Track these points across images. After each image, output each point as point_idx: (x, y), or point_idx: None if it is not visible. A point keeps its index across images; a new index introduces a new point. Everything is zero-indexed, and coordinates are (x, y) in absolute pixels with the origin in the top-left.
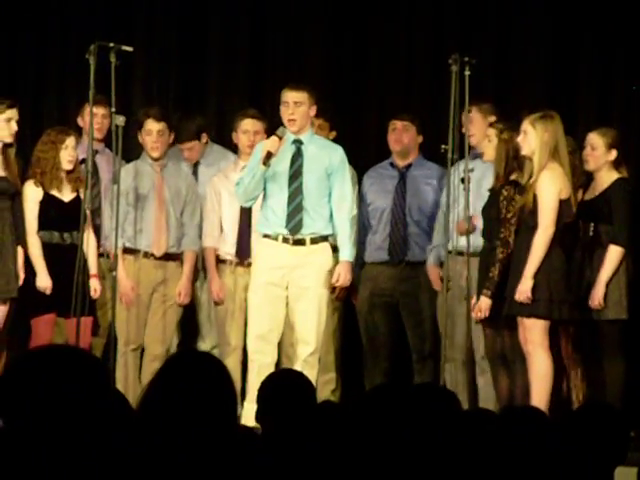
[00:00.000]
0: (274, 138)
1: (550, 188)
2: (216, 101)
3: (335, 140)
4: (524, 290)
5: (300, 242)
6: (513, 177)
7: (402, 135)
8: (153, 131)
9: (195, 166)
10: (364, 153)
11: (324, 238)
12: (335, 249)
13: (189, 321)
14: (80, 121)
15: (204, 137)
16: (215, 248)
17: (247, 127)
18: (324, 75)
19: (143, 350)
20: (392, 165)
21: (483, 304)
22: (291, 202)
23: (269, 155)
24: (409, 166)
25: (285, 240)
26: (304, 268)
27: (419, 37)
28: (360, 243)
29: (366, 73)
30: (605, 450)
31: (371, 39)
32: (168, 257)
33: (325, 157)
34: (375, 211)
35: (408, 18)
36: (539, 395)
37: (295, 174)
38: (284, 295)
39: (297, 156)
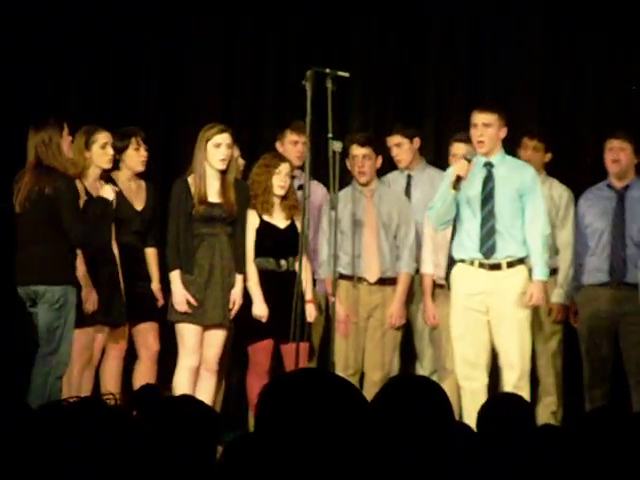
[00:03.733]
0: (463, 162)
1: None
2: (433, 125)
3: (551, 161)
4: None
5: (496, 267)
6: None
7: (619, 155)
8: (359, 156)
9: (409, 178)
10: (580, 175)
11: (520, 261)
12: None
13: (407, 345)
14: (280, 147)
15: (417, 141)
16: (431, 274)
17: (456, 151)
18: (538, 94)
19: (362, 376)
20: (609, 186)
21: None
22: (484, 225)
23: (459, 179)
24: (626, 187)
25: (481, 265)
26: (502, 292)
27: (636, 55)
28: (578, 265)
29: (582, 91)
30: None
31: (586, 62)
32: (383, 282)
33: (516, 178)
34: (593, 233)
35: (625, 37)
36: None
37: (487, 197)
38: (485, 319)
39: (488, 179)
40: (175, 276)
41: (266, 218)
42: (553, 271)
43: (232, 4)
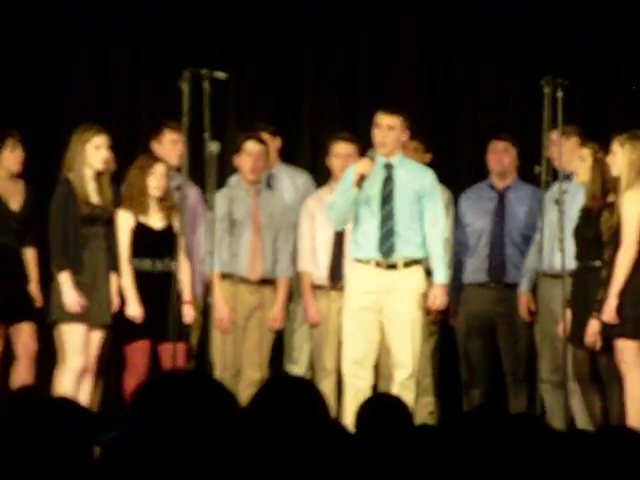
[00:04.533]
0: (366, 160)
1: (633, 207)
2: (310, 126)
3: (431, 162)
4: (609, 310)
5: (393, 266)
6: (611, 199)
7: (502, 156)
8: (254, 153)
9: (269, 178)
10: (459, 174)
11: (417, 262)
12: (428, 272)
13: (278, 345)
14: (157, 147)
15: (278, 140)
16: (310, 272)
17: (340, 150)
18: (417, 96)
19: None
20: (490, 186)
21: (594, 327)
22: (383, 226)
23: (362, 177)
24: (508, 187)
25: (378, 264)
26: (397, 292)
27: (512, 57)
28: (457, 264)
29: (460, 93)
30: None
31: (463, 58)
32: (264, 282)
33: (416, 180)
34: (473, 232)
35: (502, 38)
36: (635, 416)
37: (386, 198)
38: (378, 319)
39: (388, 180)
40: (65, 277)
41: (142, 219)
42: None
43: (106, 3)
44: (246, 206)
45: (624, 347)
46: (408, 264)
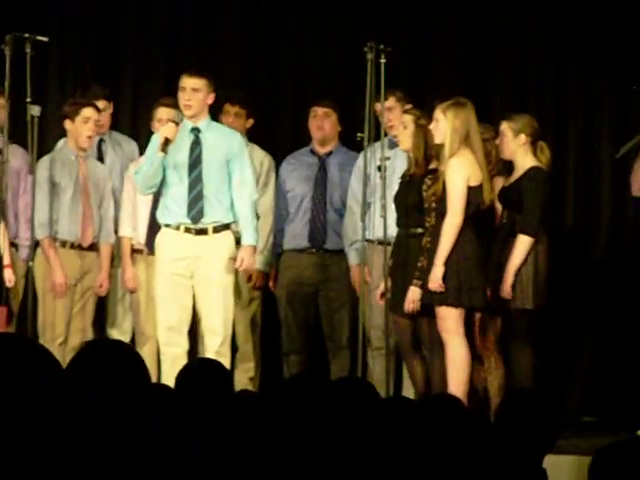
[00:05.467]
0: (170, 124)
1: (457, 175)
2: (131, 90)
3: (252, 127)
4: (435, 278)
5: (203, 232)
6: (433, 165)
7: (323, 122)
8: (91, 119)
9: (100, 143)
10: (281, 140)
11: (226, 226)
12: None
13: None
14: None
15: (111, 105)
16: (130, 237)
17: (162, 115)
18: (239, 61)
19: None
20: (312, 152)
21: (414, 294)
22: (191, 190)
23: (166, 141)
24: (329, 153)
25: (187, 230)
26: (207, 258)
27: (335, 22)
28: (278, 230)
29: (281, 59)
30: (532, 438)
31: (286, 24)
32: (90, 248)
33: (224, 144)
34: (294, 198)
35: (325, 3)
36: (456, 383)
37: (194, 162)
38: (190, 285)
39: (195, 144)
40: None
41: None
42: None
43: None
44: (74, 171)
45: (446, 314)
46: (218, 229)
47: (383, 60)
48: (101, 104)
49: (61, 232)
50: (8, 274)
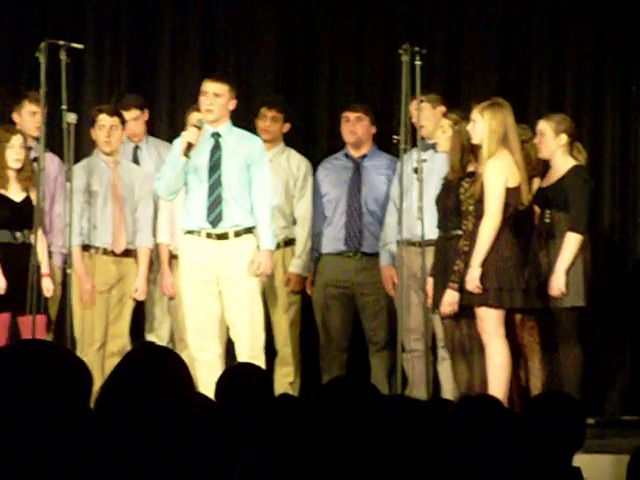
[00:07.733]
0: (193, 129)
1: (495, 176)
2: (167, 97)
3: (289, 132)
4: (471, 279)
5: (224, 236)
6: (471, 169)
7: (355, 126)
8: (106, 126)
9: (135, 150)
10: (317, 144)
11: (248, 230)
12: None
13: (138, 315)
14: (17, 118)
15: (146, 113)
16: (168, 244)
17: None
18: (275, 66)
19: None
20: (347, 156)
21: (451, 297)
22: (211, 194)
23: (189, 146)
24: (364, 157)
25: (208, 235)
26: (230, 262)
27: (370, 26)
28: (316, 234)
29: (317, 63)
30: (563, 437)
31: (322, 27)
32: (125, 253)
33: (244, 148)
34: (330, 202)
35: (359, 6)
36: (496, 384)
37: (214, 166)
38: (216, 290)
39: (215, 148)
40: None
41: (1, 191)
42: (291, 241)
43: None
44: (105, 178)
45: (486, 316)
46: (239, 233)
47: (418, 62)
48: (132, 113)
49: (95, 239)
50: (47, 283)
